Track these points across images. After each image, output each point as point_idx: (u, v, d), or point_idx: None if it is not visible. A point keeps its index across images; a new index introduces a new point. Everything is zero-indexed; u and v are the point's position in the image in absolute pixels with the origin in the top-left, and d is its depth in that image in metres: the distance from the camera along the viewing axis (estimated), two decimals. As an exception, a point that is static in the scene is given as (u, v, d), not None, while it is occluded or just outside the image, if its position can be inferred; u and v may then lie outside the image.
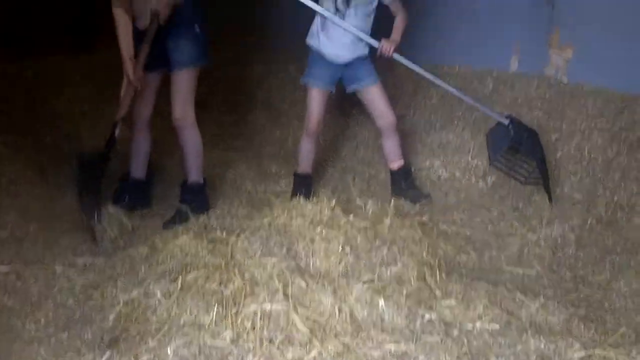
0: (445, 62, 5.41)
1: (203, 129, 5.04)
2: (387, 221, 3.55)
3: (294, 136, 5.12)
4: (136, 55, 3.78)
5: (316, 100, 4.26)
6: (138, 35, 3.81)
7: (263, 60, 5.91)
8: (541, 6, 5.01)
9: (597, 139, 4.48)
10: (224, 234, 3.51)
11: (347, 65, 4.19)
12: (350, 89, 4.30)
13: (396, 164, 4.36)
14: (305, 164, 4.38)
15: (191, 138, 4.06)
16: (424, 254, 3.42)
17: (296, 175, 4.39)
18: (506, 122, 4.26)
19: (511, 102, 4.91)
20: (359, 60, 4.19)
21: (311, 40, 4.24)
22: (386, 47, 4.12)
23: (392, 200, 3.88)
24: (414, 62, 4.28)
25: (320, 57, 4.20)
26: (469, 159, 4.59)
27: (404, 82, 5.08)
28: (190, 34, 3.88)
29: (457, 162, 4.60)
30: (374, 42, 4.14)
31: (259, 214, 3.70)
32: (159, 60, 3.88)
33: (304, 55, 5.82)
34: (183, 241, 3.43)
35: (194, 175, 4.11)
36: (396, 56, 4.17)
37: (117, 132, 3.89)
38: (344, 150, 4.93)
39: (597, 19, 4.80)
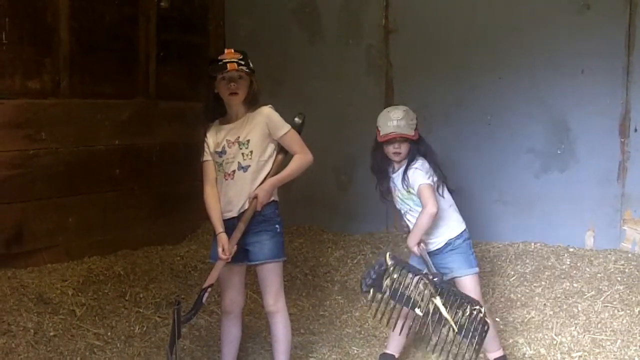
0: (520, 239, 5.51)
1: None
2: (476, 402, 3.53)
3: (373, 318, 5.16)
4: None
5: None
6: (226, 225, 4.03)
7: (339, 245, 6.07)
8: (612, 183, 5.13)
9: (683, 311, 4.47)
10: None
11: (437, 254, 4.16)
12: (445, 277, 4.17)
13: (491, 355, 4.21)
14: (393, 345, 4.33)
15: (282, 322, 4.16)
16: None
17: (383, 355, 4.35)
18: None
19: (591, 277, 4.93)
20: (446, 249, 4.16)
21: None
22: (409, 241, 4.12)
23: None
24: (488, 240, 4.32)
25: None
26: (553, 335, 4.54)
27: (481, 262, 5.12)
28: (272, 231, 4.07)
29: (540, 339, 4.53)
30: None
31: (347, 400, 3.70)
32: (240, 253, 4.03)
33: (378, 239, 6.03)
34: None
35: None
36: (420, 250, 4.10)
37: (204, 298, 3.99)
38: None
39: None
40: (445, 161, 4.38)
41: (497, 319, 4.37)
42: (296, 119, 4.16)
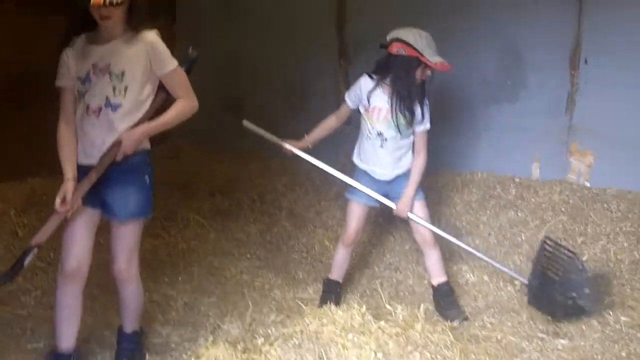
0: (467, 169, 5.54)
1: (230, 238, 5.18)
2: (418, 326, 3.55)
3: (320, 243, 5.18)
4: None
5: (354, 213, 4.28)
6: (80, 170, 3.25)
7: (288, 171, 6.03)
8: (560, 115, 5.15)
9: (623, 242, 4.56)
10: (258, 342, 3.52)
11: (391, 181, 4.19)
12: (396, 201, 4.26)
13: (435, 280, 4.30)
14: (337, 272, 4.40)
15: (133, 292, 3.50)
16: (456, 358, 3.42)
17: (327, 281, 4.41)
18: (526, 281, 4.25)
19: (535, 207, 5.01)
20: (402, 176, 4.19)
21: (355, 158, 4.28)
22: (401, 210, 4.16)
23: (422, 305, 3.88)
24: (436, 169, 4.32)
25: (364, 174, 4.22)
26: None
27: (428, 192, 5.14)
28: (140, 183, 3.34)
29: (484, 267, 4.60)
30: (390, 204, 4.20)
31: (290, 321, 3.72)
32: (96, 199, 3.28)
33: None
34: (217, 351, 3.44)
35: (133, 326, 3.60)
36: (411, 216, 4.18)
37: (27, 259, 3.19)
38: (371, 257, 4.97)
39: (615, 124, 4.95)
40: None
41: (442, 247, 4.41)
42: (190, 51, 3.48)
